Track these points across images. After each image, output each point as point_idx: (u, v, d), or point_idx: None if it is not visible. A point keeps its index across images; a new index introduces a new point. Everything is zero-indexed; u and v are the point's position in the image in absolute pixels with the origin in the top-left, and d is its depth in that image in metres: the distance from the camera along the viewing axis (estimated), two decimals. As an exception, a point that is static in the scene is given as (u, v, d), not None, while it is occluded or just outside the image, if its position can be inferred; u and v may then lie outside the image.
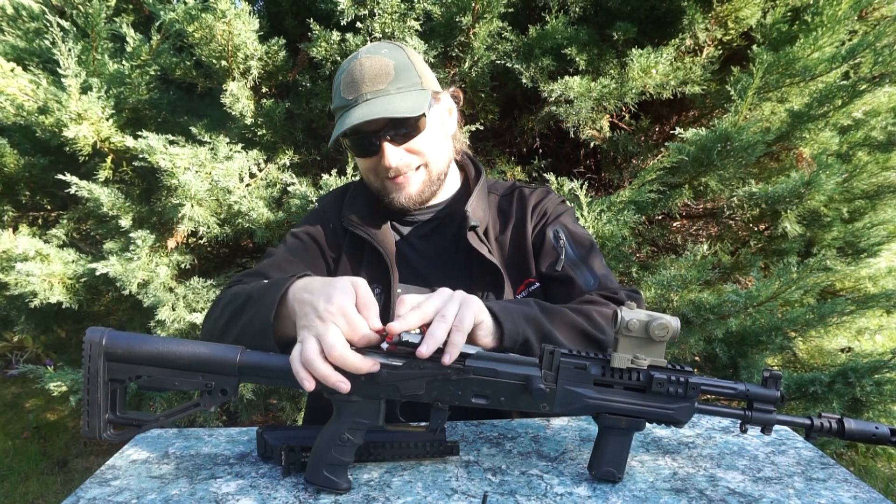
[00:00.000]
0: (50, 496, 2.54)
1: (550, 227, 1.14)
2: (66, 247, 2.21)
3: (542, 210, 1.18)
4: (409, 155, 1.08)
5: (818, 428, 0.81)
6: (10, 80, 1.95)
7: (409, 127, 1.06)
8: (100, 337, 0.73)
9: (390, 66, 1.06)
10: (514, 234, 1.16)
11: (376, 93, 1.04)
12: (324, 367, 0.72)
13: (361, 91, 1.04)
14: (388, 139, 1.05)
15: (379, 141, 1.05)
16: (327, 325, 0.74)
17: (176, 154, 1.88)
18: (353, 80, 1.05)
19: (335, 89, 1.10)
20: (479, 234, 1.12)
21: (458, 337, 0.75)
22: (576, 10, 2.08)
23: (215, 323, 0.99)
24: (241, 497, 0.77)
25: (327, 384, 0.73)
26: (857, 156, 2.29)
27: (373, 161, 1.09)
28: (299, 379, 0.73)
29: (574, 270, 1.09)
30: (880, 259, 2.48)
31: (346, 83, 1.07)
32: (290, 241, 1.18)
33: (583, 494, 0.78)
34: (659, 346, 0.76)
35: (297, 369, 0.73)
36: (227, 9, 1.85)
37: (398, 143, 1.06)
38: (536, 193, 1.21)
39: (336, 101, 1.09)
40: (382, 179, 1.11)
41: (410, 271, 1.14)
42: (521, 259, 1.14)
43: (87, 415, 0.74)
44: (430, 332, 0.73)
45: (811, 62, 1.88)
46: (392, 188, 1.10)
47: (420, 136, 1.08)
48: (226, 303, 0.99)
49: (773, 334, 1.92)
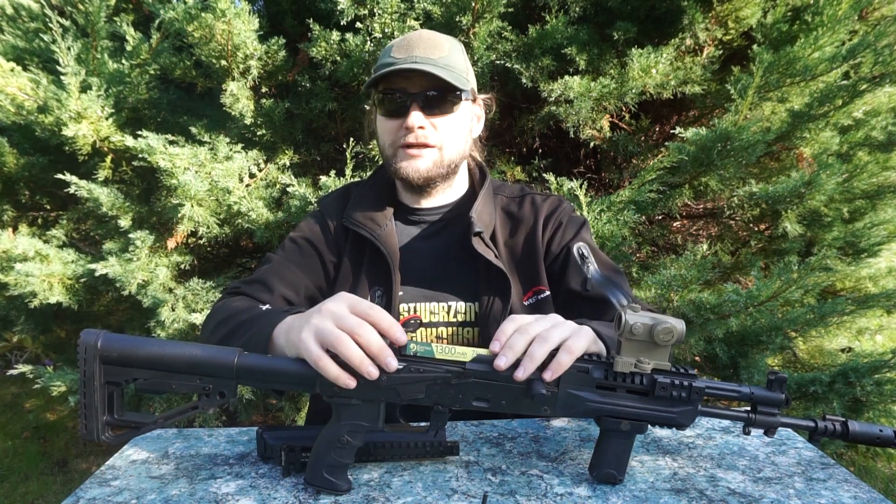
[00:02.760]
0: (50, 496, 2.54)
1: (574, 244, 1.14)
2: (65, 247, 2.21)
3: (557, 221, 1.16)
4: (431, 128, 1.08)
5: (822, 430, 0.81)
6: (9, 79, 1.95)
7: (443, 102, 1.07)
8: (95, 339, 0.72)
9: (446, 45, 1.08)
10: (524, 240, 1.15)
11: (426, 59, 1.04)
12: (357, 352, 0.71)
13: (414, 53, 1.05)
14: (419, 105, 1.06)
15: (410, 102, 1.06)
16: (359, 321, 0.73)
17: (175, 154, 1.87)
18: (407, 44, 1.06)
19: (383, 53, 1.10)
20: (484, 238, 1.11)
21: (566, 357, 0.75)
22: (576, 10, 2.08)
23: (209, 340, 0.99)
24: (241, 497, 0.77)
25: (361, 369, 0.72)
26: (857, 156, 2.29)
27: (396, 123, 1.08)
28: (324, 366, 0.72)
29: (605, 290, 1.09)
30: (880, 259, 2.47)
31: (398, 45, 1.08)
32: (288, 246, 1.17)
33: (583, 494, 0.78)
34: (663, 350, 0.75)
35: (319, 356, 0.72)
36: (227, 8, 1.84)
37: (426, 113, 1.06)
38: (549, 202, 1.20)
39: (382, 59, 1.09)
40: (396, 146, 1.10)
41: (413, 273, 1.13)
42: (531, 266, 1.13)
43: (85, 418, 0.73)
44: (529, 354, 0.74)
45: (811, 62, 1.87)
46: (403, 156, 1.09)
47: (448, 117, 1.08)
48: (219, 321, 0.99)
49: (774, 334, 1.92)
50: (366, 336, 0.72)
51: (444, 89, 1.06)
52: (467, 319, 1.12)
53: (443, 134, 1.09)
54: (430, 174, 1.11)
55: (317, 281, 1.15)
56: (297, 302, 1.11)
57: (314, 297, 1.14)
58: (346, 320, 0.73)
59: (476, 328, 1.11)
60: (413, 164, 1.09)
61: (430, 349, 0.76)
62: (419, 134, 1.06)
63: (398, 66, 1.04)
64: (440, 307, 1.12)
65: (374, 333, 0.72)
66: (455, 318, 1.12)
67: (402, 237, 1.17)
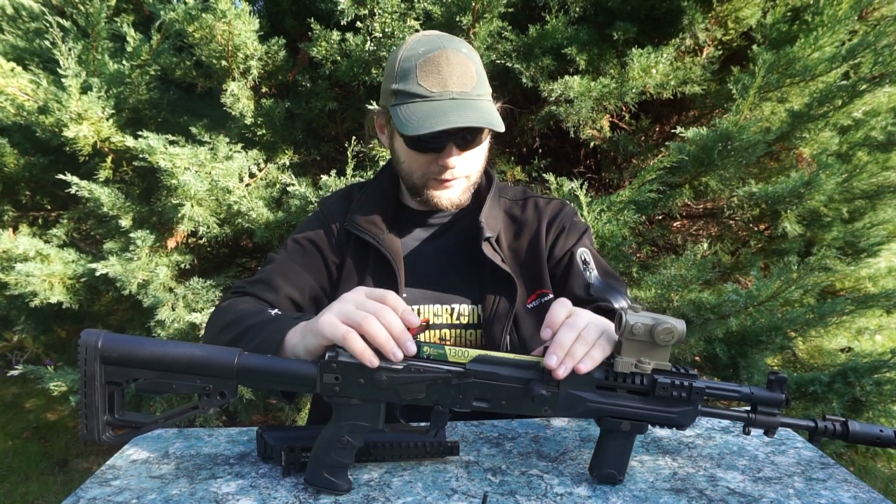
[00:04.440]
0: (50, 496, 2.54)
1: (577, 249, 1.14)
2: (66, 247, 2.22)
3: (560, 225, 1.17)
4: (464, 162, 1.07)
5: (822, 430, 0.81)
6: (10, 80, 1.95)
7: (477, 137, 1.06)
8: (95, 340, 0.73)
9: (473, 69, 1.04)
10: (528, 244, 1.16)
11: (463, 94, 1.02)
12: (383, 331, 0.73)
13: (448, 87, 1.01)
14: (456, 143, 1.04)
15: (447, 142, 1.03)
16: (380, 304, 0.75)
17: (176, 154, 1.87)
18: (438, 73, 1.01)
19: (405, 70, 1.04)
20: (492, 243, 1.11)
21: (599, 353, 0.76)
22: (576, 10, 2.08)
23: (215, 341, 0.98)
24: (241, 497, 0.77)
25: (386, 349, 0.73)
26: (857, 156, 2.29)
27: (428, 158, 1.07)
28: (352, 341, 0.73)
29: (607, 295, 1.09)
30: (880, 259, 2.47)
31: (427, 70, 1.02)
32: (291, 246, 1.17)
33: (583, 494, 0.78)
34: (664, 350, 0.75)
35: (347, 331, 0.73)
36: (228, 9, 1.84)
37: (461, 149, 1.05)
38: (552, 206, 1.20)
39: (406, 83, 1.03)
40: (428, 178, 1.08)
41: (417, 275, 1.13)
42: (535, 269, 1.13)
43: (86, 418, 0.73)
44: (571, 353, 0.75)
45: (811, 62, 1.87)
46: (435, 186, 1.09)
47: (478, 148, 1.08)
48: (226, 323, 0.98)
49: (774, 334, 1.92)
50: (388, 318, 0.74)
51: (478, 129, 1.04)
52: (471, 322, 1.12)
53: (472, 164, 1.09)
54: (461, 201, 1.12)
55: (320, 281, 1.15)
56: (302, 301, 1.12)
57: (318, 298, 1.14)
58: (368, 304, 0.75)
59: (479, 331, 1.11)
60: (446, 194, 1.09)
61: (444, 352, 0.77)
62: (454, 172, 1.07)
63: (434, 100, 1.00)
64: (443, 309, 1.12)
65: (396, 317, 0.74)
66: (458, 320, 1.12)
67: (407, 240, 1.17)
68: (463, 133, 1.03)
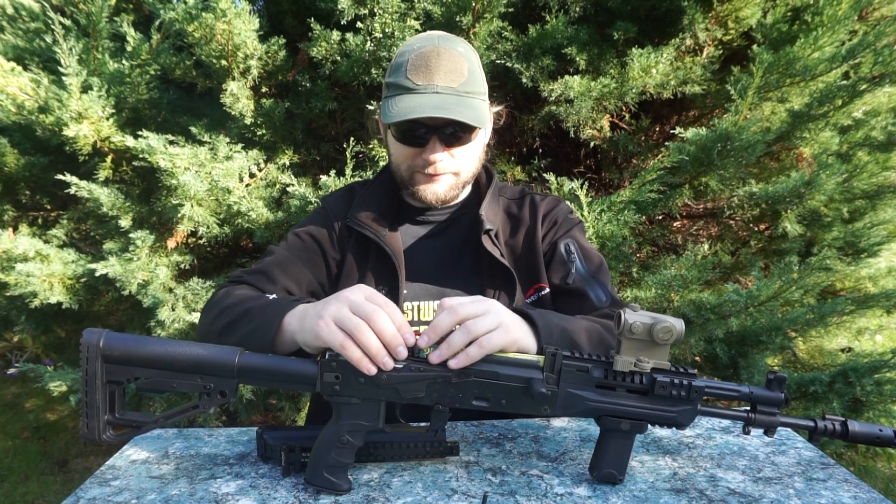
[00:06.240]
0: (50, 496, 2.54)
1: (562, 240, 1.15)
2: (66, 247, 2.21)
3: (553, 219, 1.18)
4: (450, 158, 1.08)
5: (822, 430, 0.81)
6: (10, 79, 1.95)
7: (463, 134, 1.06)
8: (97, 339, 0.73)
9: (465, 67, 1.05)
10: (525, 239, 1.17)
11: (448, 89, 1.02)
12: (375, 341, 0.73)
13: (434, 81, 1.02)
14: (439, 139, 1.05)
15: (430, 136, 1.05)
16: (375, 307, 0.75)
17: (176, 154, 1.87)
18: (427, 66, 1.03)
19: (398, 64, 1.06)
20: (492, 237, 1.12)
21: (475, 350, 0.75)
22: (576, 10, 2.08)
23: (211, 326, 0.98)
24: (241, 497, 0.77)
25: (377, 359, 0.73)
26: (857, 156, 2.29)
27: (413, 151, 1.08)
28: (349, 350, 0.73)
29: (586, 286, 1.09)
30: (880, 259, 2.47)
31: (416, 65, 1.03)
32: (291, 239, 1.17)
33: (583, 495, 0.78)
34: (662, 349, 0.75)
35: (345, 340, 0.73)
36: (228, 8, 1.85)
37: (446, 145, 1.06)
38: (547, 202, 1.21)
39: (397, 76, 1.05)
40: (413, 171, 1.10)
41: (419, 270, 1.14)
42: (532, 264, 1.14)
43: (86, 416, 0.74)
44: (448, 341, 0.74)
45: (811, 62, 1.87)
46: (421, 181, 1.10)
47: (467, 146, 1.09)
48: (224, 307, 0.98)
49: (774, 334, 1.92)
50: (380, 323, 0.74)
51: (465, 126, 1.05)
52: None
53: (460, 161, 1.10)
54: (447, 196, 1.12)
55: (319, 276, 1.15)
56: (299, 295, 1.12)
57: (316, 292, 1.15)
58: (363, 307, 0.75)
59: None
60: (431, 187, 1.10)
61: None
62: (438, 166, 1.07)
63: (418, 97, 1.01)
64: None
65: (389, 322, 0.74)
66: None
67: (408, 236, 1.18)
68: (452, 129, 1.04)
